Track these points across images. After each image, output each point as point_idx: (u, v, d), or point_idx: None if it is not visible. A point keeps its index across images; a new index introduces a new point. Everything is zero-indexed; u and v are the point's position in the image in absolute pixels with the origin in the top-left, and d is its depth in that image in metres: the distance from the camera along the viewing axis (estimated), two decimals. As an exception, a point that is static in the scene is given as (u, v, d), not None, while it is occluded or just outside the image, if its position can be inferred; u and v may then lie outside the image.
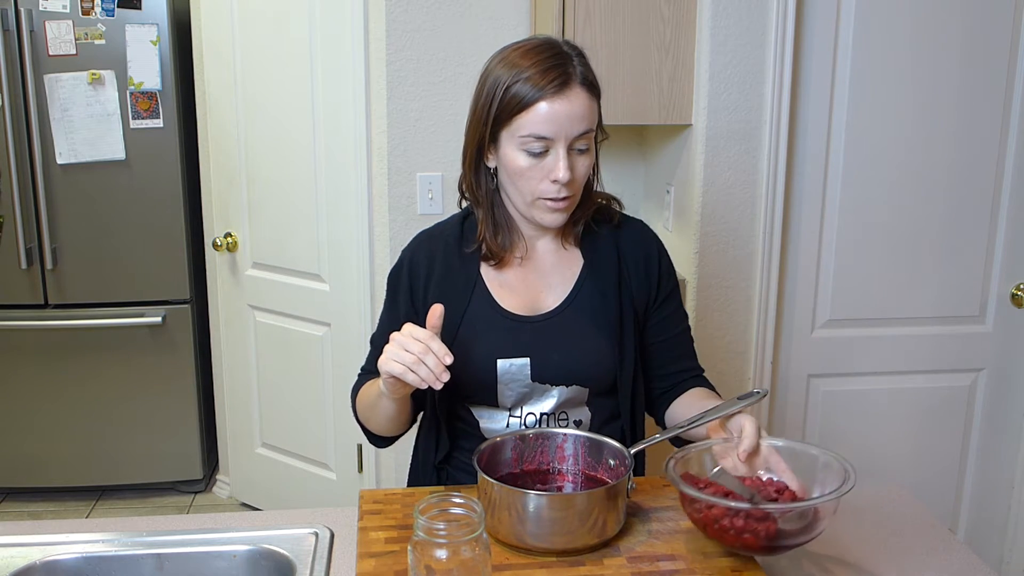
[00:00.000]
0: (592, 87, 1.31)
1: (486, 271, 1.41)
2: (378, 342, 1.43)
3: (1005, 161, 2.37)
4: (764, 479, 1.19)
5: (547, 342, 1.38)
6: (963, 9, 2.26)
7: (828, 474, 1.18)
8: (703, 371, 1.53)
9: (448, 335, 1.33)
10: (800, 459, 1.20)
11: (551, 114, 1.27)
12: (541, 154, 1.29)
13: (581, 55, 1.33)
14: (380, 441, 1.45)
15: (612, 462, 1.28)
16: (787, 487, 1.17)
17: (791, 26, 2.19)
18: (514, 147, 1.30)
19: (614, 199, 1.47)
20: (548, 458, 1.33)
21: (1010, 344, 2.48)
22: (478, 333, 1.37)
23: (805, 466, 1.20)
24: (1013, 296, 2.43)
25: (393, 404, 1.31)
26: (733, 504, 1.10)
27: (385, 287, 1.49)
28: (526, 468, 1.32)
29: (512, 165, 1.31)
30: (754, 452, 1.19)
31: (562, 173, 1.28)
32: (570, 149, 1.29)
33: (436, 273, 1.40)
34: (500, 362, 1.36)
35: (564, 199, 1.32)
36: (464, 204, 1.46)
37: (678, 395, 1.47)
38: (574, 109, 1.28)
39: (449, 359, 1.16)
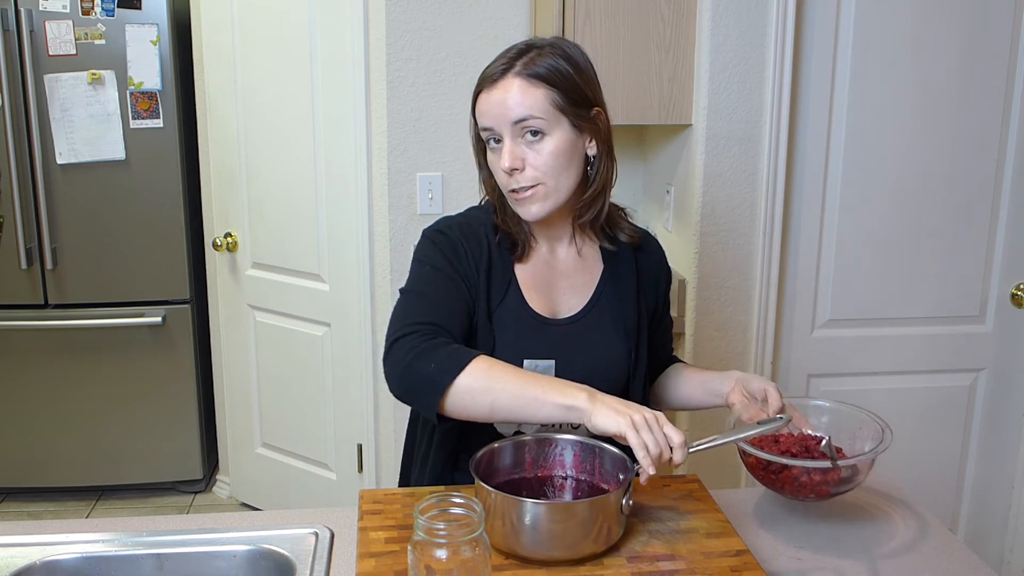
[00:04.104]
0: (538, 78, 1.29)
1: (518, 269, 1.41)
2: (419, 294, 1.34)
3: (1005, 161, 2.37)
4: (795, 434, 1.35)
5: (571, 345, 1.39)
6: (963, 9, 2.26)
7: (866, 430, 1.35)
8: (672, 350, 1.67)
9: (482, 328, 1.35)
10: (842, 417, 1.39)
11: (485, 104, 1.32)
12: (499, 147, 1.32)
13: (551, 47, 1.32)
14: (443, 420, 1.27)
15: (613, 470, 1.28)
16: (814, 438, 1.34)
17: (791, 26, 2.19)
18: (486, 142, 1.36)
19: (622, 209, 1.48)
20: (547, 465, 1.32)
21: (1010, 344, 2.48)
22: (508, 330, 1.37)
23: (845, 423, 1.38)
24: (1013, 296, 2.43)
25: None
26: (816, 464, 1.25)
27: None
28: (525, 475, 1.31)
29: (488, 159, 1.37)
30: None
31: (503, 161, 1.30)
32: (521, 139, 1.30)
33: (483, 264, 1.38)
34: (527, 362, 1.37)
35: (526, 189, 1.31)
36: (485, 200, 1.47)
37: (660, 373, 1.59)
38: (504, 98, 1.29)
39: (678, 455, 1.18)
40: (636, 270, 1.47)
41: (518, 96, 1.29)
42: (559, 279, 1.43)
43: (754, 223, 2.31)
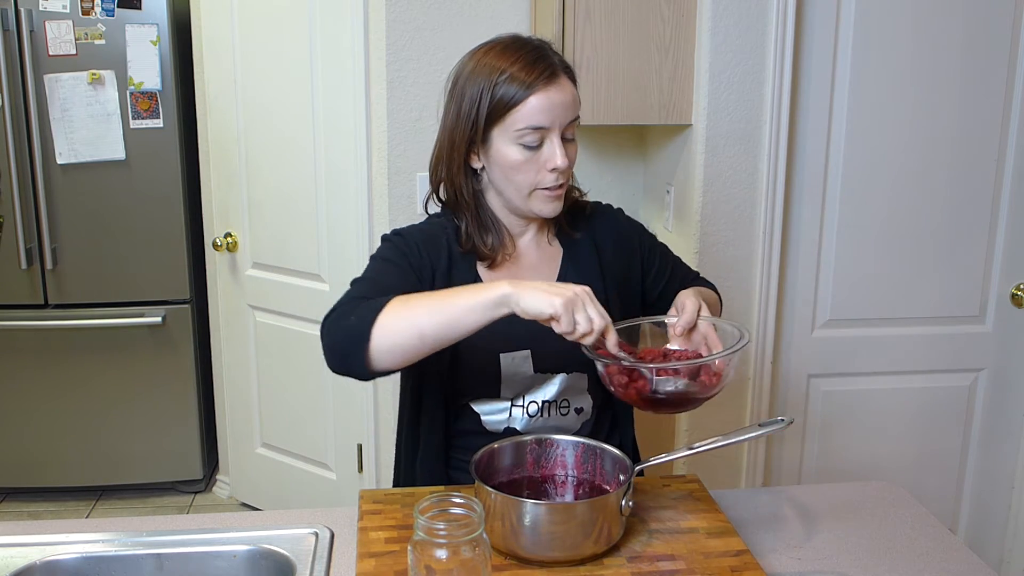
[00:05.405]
0: (572, 74, 1.36)
1: (481, 270, 1.43)
2: (366, 279, 1.37)
3: (1005, 161, 2.37)
4: (684, 349, 1.30)
5: (544, 332, 1.38)
6: (963, 9, 2.25)
7: (726, 340, 1.29)
8: (698, 275, 1.62)
9: None
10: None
11: (546, 104, 1.31)
12: (536, 146, 1.33)
13: (550, 45, 1.38)
14: (367, 370, 1.23)
15: (613, 470, 1.28)
16: (697, 355, 1.28)
17: (791, 26, 2.19)
18: (508, 142, 1.33)
19: (575, 187, 1.51)
20: (548, 466, 1.32)
21: (1010, 344, 2.48)
22: (480, 331, 1.37)
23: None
24: (1013, 296, 2.43)
25: (475, 325, 1.19)
26: (607, 361, 1.23)
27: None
28: (526, 476, 1.31)
29: (507, 160, 1.34)
30: (693, 328, 1.30)
31: (559, 160, 1.32)
32: (562, 137, 1.33)
33: (441, 268, 1.41)
34: (502, 356, 1.38)
35: (560, 186, 1.36)
36: (431, 210, 1.49)
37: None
38: (565, 97, 1.32)
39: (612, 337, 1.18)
40: (594, 243, 1.48)
41: (573, 95, 1.34)
42: (526, 271, 1.44)
43: (754, 223, 2.31)
